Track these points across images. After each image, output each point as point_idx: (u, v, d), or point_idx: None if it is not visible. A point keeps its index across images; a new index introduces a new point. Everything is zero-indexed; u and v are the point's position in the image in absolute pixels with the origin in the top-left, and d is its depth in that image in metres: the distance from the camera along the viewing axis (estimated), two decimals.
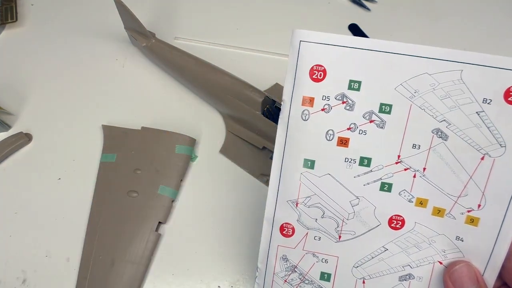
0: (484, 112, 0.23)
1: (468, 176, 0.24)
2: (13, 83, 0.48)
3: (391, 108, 0.24)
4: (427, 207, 0.25)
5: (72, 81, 0.48)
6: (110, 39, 0.51)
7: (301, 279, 0.28)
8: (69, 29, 0.52)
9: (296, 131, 0.25)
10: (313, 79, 0.24)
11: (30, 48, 0.51)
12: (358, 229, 0.26)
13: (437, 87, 0.23)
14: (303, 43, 0.24)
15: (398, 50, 0.23)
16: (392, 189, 0.25)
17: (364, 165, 0.25)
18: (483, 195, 0.24)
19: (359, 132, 0.25)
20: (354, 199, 0.26)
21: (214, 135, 0.44)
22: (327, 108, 0.25)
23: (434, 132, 0.24)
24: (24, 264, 0.37)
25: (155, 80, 0.48)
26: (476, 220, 0.25)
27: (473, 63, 0.23)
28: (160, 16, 0.53)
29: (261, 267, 0.29)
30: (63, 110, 0.46)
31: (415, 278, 0.26)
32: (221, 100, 0.43)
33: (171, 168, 0.40)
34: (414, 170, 0.25)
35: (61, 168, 0.42)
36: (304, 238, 0.27)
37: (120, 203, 0.39)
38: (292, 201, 0.27)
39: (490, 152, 0.24)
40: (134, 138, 0.42)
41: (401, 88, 0.24)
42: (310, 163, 0.26)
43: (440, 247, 0.26)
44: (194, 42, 0.51)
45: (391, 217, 0.26)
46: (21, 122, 0.45)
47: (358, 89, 0.24)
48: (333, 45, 0.24)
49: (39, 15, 0.54)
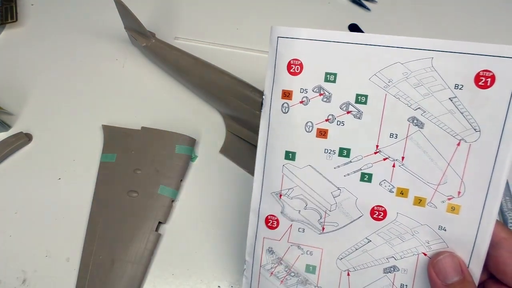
0: (457, 98, 0.24)
1: (446, 163, 0.24)
2: (13, 83, 0.48)
3: (367, 98, 0.25)
4: (408, 196, 0.25)
5: (72, 81, 0.48)
6: (110, 39, 0.51)
7: (287, 272, 0.28)
8: (69, 29, 0.52)
9: (277, 124, 0.26)
10: (290, 73, 0.25)
11: (30, 48, 0.51)
12: (341, 221, 0.27)
13: (409, 75, 0.24)
14: (281, 39, 0.25)
15: (370, 41, 0.24)
16: (372, 180, 0.26)
17: (343, 156, 0.26)
18: (462, 182, 0.24)
19: (337, 123, 0.25)
20: (335, 190, 0.26)
21: (214, 135, 0.44)
22: (305, 100, 0.25)
23: (410, 120, 0.24)
24: (24, 264, 0.37)
25: (155, 80, 0.48)
26: (457, 208, 0.25)
27: (442, 50, 0.23)
28: (160, 16, 0.53)
29: (249, 260, 0.29)
30: (63, 110, 0.46)
31: (400, 271, 0.26)
32: (221, 100, 0.43)
33: (171, 168, 0.40)
34: (393, 159, 0.25)
35: (61, 168, 0.42)
36: (288, 230, 0.27)
37: (120, 203, 0.39)
38: (276, 193, 0.27)
39: (466, 138, 0.24)
40: (134, 138, 0.42)
41: (375, 78, 0.24)
42: (291, 155, 0.26)
43: (423, 238, 0.26)
44: (194, 42, 0.51)
45: (373, 208, 0.26)
46: (21, 122, 0.45)
47: (334, 81, 0.25)
48: (308, 39, 0.25)
49: (39, 15, 0.54)
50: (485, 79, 0.23)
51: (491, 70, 0.23)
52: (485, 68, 0.23)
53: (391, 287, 0.27)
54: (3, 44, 0.51)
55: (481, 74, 0.23)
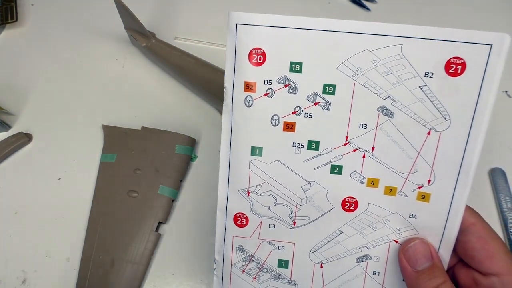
0: (427, 86, 0.23)
1: (416, 152, 0.24)
2: (13, 83, 0.48)
3: (334, 88, 0.24)
4: (378, 186, 0.25)
5: (72, 81, 0.48)
6: (110, 39, 0.51)
7: (259, 268, 0.28)
8: (69, 29, 0.52)
9: (240, 118, 0.25)
10: (253, 63, 0.24)
11: (30, 48, 0.51)
12: (312, 214, 0.26)
13: (378, 63, 0.23)
14: (240, 26, 0.23)
15: (337, 28, 0.23)
16: (342, 172, 0.25)
17: (312, 149, 0.25)
18: (432, 170, 0.24)
19: (305, 115, 0.25)
20: (306, 184, 0.26)
21: (214, 135, 0.44)
22: (270, 92, 0.24)
23: (380, 110, 0.24)
24: (24, 264, 0.37)
25: (155, 80, 0.48)
26: (428, 196, 0.25)
27: (412, 37, 0.23)
28: (160, 16, 0.53)
29: (218, 259, 0.28)
30: (63, 110, 0.46)
31: (372, 259, 0.26)
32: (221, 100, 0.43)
33: (171, 168, 0.40)
34: (363, 150, 0.25)
35: (61, 168, 0.42)
36: (258, 227, 0.27)
37: (120, 203, 0.39)
38: (243, 190, 0.26)
39: (436, 126, 0.24)
40: (134, 138, 0.42)
41: (343, 67, 0.23)
42: (257, 150, 0.25)
43: (394, 226, 0.26)
44: (194, 42, 0.51)
45: (344, 200, 0.26)
46: (21, 122, 0.45)
47: (299, 71, 0.24)
48: (270, 26, 0.23)
49: (39, 15, 0.54)
50: (456, 67, 0.22)
51: (462, 57, 0.22)
52: (456, 55, 0.22)
53: (363, 275, 0.27)
54: (3, 44, 0.51)
55: (452, 61, 0.22)
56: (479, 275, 0.25)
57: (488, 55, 0.22)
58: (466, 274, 0.25)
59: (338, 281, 0.27)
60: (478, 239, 0.24)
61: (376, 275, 0.27)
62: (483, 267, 0.24)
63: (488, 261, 0.24)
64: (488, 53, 0.22)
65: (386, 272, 0.26)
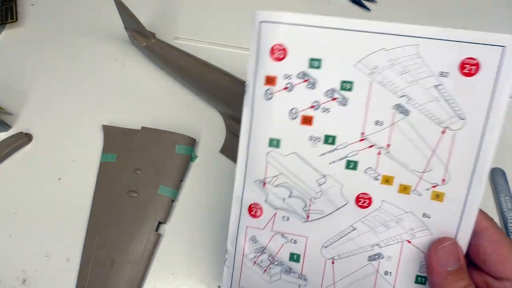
0: (442, 85, 0.24)
1: (431, 151, 0.24)
2: (13, 83, 0.48)
3: (352, 85, 0.25)
4: (393, 184, 0.25)
5: (72, 81, 0.48)
6: (110, 39, 0.51)
7: (270, 261, 0.28)
8: (69, 29, 0.52)
9: (260, 110, 0.26)
10: (274, 59, 0.25)
11: (30, 48, 0.51)
12: (326, 209, 0.26)
13: (395, 62, 0.24)
14: (263, 24, 0.24)
15: (355, 27, 0.24)
16: (357, 167, 0.26)
17: (328, 143, 0.25)
18: (446, 170, 0.24)
19: (322, 110, 0.25)
20: (321, 178, 0.26)
21: (214, 135, 0.44)
22: (289, 86, 0.25)
23: (395, 108, 0.24)
24: (24, 264, 0.37)
25: (155, 80, 0.48)
26: (442, 196, 0.25)
27: (428, 37, 0.23)
28: (160, 16, 0.53)
29: (231, 249, 0.28)
30: (63, 110, 0.46)
31: (384, 258, 0.26)
32: (221, 100, 0.43)
33: (171, 168, 0.40)
34: (378, 147, 0.25)
35: (61, 168, 0.42)
36: (272, 219, 0.27)
37: (120, 203, 0.39)
38: (260, 181, 0.27)
39: (451, 126, 0.24)
40: (134, 138, 0.42)
41: (360, 65, 0.24)
42: (275, 142, 0.26)
43: (408, 226, 0.26)
44: (194, 42, 0.51)
45: (358, 196, 0.26)
46: (21, 122, 0.45)
47: (318, 67, 0.25)
48: (292, 24, 0.24)
49: (39, 15, 0.54)
50: (470, 67, 0.23)
51: (476, 58, 0.23)
52: (470, 56, 0.23)
53: (375, 275, 0.26)
54: (3, 44, 0.51)
55: (466, 61, 0.23)
56: (491, 279, 0.24)
57: (501, 56, 0.23)
58: (478, 278, 0.25)
59: (349, 278, 0.27)
60: (491, 243, 0.24)
61: (388, 276, 0.26)
62: (495, 271, 0.24)
63: (501, 265, 0.24)
64: (501, 54, 0.23)
65: (398, 273, 0.26)
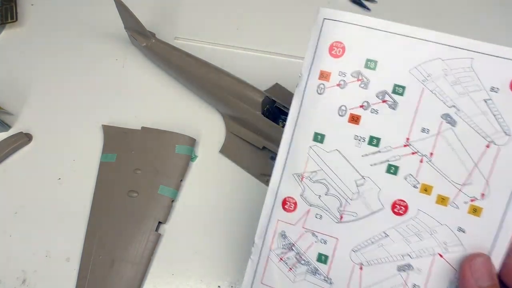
0: (492, 100, 0.24)
1: (473, 164, 0.24)
2: (13, 83, 0.48)
3: (404, 89, 0.25)
4: (431, 194, 0.25)
5: (72, 81, 0.48)
6: (110, 39, 0.51)
7: (297, 259, 0.27)
8: (69, 29, 0.52)
9: (310, 103, 0.26)
10: (332, 55, 0.25)
11: (30, 48, 0.51)
12: (361, 211, 0.26)
13: (448, 72, 0.24)
14: (326, 21, 0.25)
15: (415, 35, 0.24)
16: (398, 173, 0.25)
17: (373, 145, 0.25)
18: (487, 184, 0.24)
19: (371, 110, 0.25)
20: (360, 179, 0.26)
21: (214, 135, 0.44)
22: (342, 83, 0.25)
23: (444, 117, 0.25)
24: (24, 264, 0.37)
25: (155, 80, 0.48)
26: (479, 210, 0.24)
27: (482, 53, 0.24)
28: (160, 16, 0.53)
29: (258, 242, 0.27)
30: (63, 110, 0.46)
31: (414, 270, 0.26)
32: (221, 100, 0.43)
33: (171, 168, 0.40)
34: (421, 154, 0.25)
35: (61, 168, 0.42)
36: (305, 215, 0.27)
37: (120, 203, 0.39)
38: (298, 174, 0.26)
39: (496, 140, 0.24)
40: (134, 138, 0.42)
41: (415, 71, 0.25)
42: (320, 137, 0.26)
43: (441, 239, 0.25)
44: (194, 42, 0.51)
45: (395, 202, 0.26)
46: (21, 122, 0.45)
47: (374, 68, 0.25)
48: (354, 24, 0.25)
49: (39, 15, 0.54)
50: None
51: None
52: None
53: (403, 287, 0.26)
54: (3, 44, 0.51)
55: None
56: None
57: None
58: None
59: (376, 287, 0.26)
60: None
61: None
62: None
63: None
64: None
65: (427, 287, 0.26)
